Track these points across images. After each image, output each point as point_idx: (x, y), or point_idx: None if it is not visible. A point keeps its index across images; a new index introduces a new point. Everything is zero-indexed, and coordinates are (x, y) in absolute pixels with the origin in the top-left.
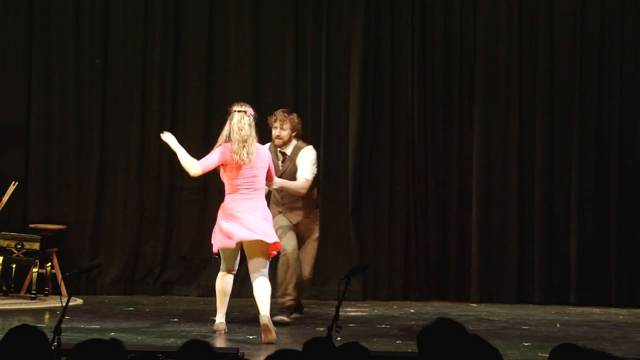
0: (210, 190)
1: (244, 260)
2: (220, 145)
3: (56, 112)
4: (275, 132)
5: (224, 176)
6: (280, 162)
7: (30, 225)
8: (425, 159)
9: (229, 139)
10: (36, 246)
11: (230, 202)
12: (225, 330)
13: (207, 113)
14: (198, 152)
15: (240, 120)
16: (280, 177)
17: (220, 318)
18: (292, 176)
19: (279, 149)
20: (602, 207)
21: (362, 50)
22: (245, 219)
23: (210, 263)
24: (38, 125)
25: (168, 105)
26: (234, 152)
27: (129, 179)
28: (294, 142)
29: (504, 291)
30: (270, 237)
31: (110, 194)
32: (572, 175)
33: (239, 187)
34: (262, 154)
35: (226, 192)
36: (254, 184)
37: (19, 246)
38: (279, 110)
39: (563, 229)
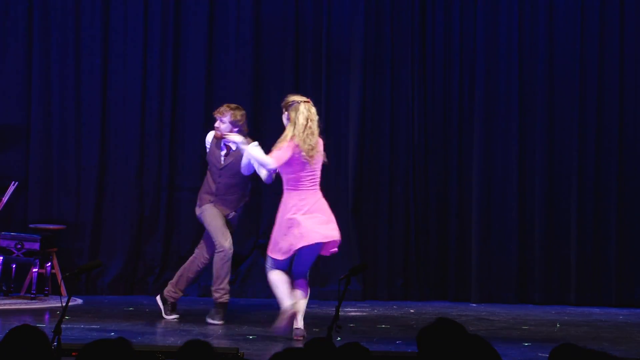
0: None
1: (240, 262)
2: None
3: (56, 112)
4: (215, 124)
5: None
6: (222, 154)
7: (30, 225)
8: (426, 159)
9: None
10: (36, 246)
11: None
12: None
13: (207, 113)
14: (197, 152)
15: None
16: (221, 169)
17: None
18: (233, 171)
19: (222, 140)
20: (602, 207)
21: (362, 51)
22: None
23: (209, 263)
24: (38, 125)
25: (168, 105)
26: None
27: (129, 179)
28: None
29: (504, 291)
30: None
31: (110, 194)
32: (572, 175)
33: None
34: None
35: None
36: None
37: (19, 246)
38: (225, 104)
39: (563, 228)
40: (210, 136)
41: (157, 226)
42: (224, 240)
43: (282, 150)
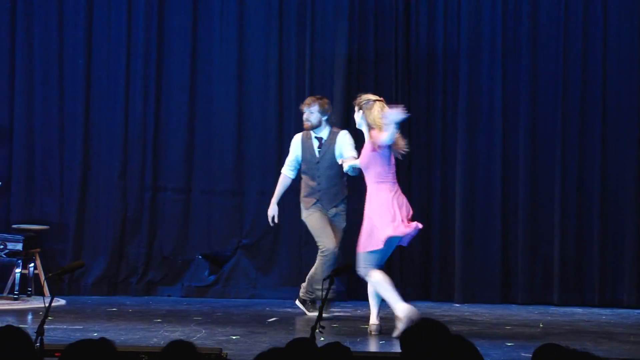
0: (194, 190)
1: (223, 263)
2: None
3: (39, 113)
4: (304, 116)
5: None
6: (316, 148)
7: (13, 226)
8: (409, 160)
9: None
10: (19, 247)
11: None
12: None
13: (190, 114)
14: (181, 153)
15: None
16: (318, 163)
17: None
18: (331, 162)
19: (312, 132)
20: (585, 208)
21: (346, 53)
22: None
23: (193, 263)
24: (21, 125)
25: (151, 105)
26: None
27: (112, 179)
28: (327, 127)
29: (487, 291)
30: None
31: (93, 194)
32: (555, 176)
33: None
34: None
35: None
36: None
37: (2, 247)
38: (310, 96)
39: (546, 229)
40: (296, 138)
41: (140, 227)
42: (328, 241)
43: None
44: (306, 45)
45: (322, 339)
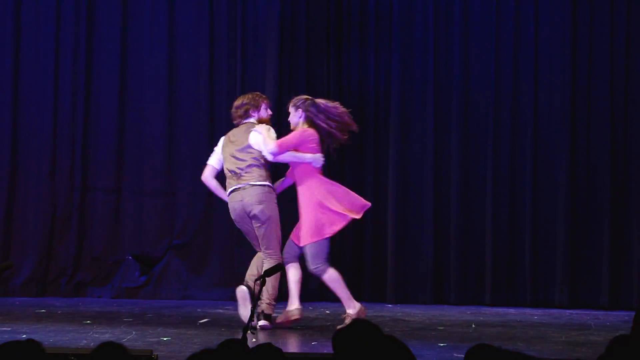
0: (124, 190)
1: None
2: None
3: None
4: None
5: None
6: None
7: None
8: (342, 160)
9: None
10: None
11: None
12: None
13: (120, 114)
14: (111, 152)
15: None
16: None
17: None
18: None
19: None
20: (516, 208)
21: (277, 55)
22: None
23: (123, 264)
24: None
25: (80, 104)
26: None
27: (41, 179)
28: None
29: (420, 292)
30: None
31: (21, 194)
32: (487, 176)
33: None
34: None
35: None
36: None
37: None
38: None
39: (478, 229)
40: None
41: (70, 227)
42: None
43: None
44: (237, 45)
45: (253, 340)
